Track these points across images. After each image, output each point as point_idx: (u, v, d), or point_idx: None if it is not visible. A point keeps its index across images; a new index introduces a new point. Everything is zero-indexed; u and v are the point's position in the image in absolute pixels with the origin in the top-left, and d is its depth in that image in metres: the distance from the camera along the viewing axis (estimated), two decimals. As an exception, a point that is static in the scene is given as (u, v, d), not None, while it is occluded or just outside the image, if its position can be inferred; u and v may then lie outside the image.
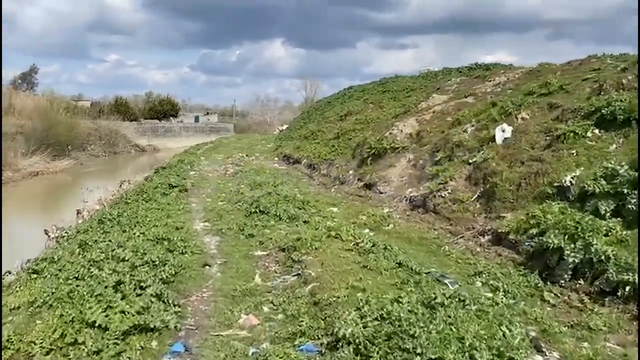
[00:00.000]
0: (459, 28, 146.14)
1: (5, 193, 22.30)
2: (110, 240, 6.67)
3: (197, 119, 61.48)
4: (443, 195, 8.91)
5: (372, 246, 6.67)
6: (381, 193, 11.19)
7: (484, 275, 6.05)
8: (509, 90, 12.95)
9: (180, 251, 6.86)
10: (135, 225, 7.79)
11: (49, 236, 10.14)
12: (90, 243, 6.71)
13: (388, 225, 8.88)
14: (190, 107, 71.45)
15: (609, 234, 5.70)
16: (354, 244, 6.83)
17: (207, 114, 66.89)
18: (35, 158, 29.92)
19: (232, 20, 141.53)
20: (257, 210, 9.34)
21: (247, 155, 24.11)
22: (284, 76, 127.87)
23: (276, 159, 23.48)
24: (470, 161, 9.31)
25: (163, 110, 54.74)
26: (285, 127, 46.01)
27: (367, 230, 8.80)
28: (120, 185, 18.91)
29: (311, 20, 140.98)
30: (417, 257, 7.01)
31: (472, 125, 10.45)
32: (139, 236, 7.04)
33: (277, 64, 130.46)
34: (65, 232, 9.45)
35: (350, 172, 13.63)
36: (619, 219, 6.00)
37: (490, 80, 14.59)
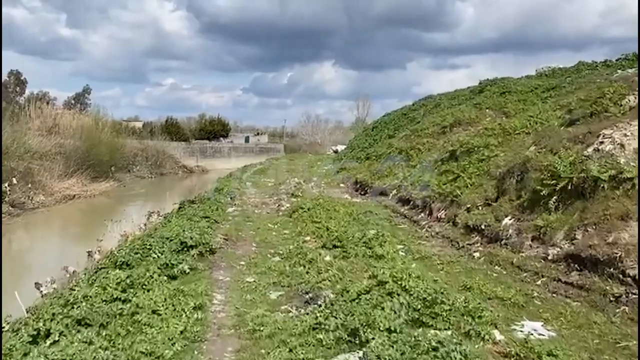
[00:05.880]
0: (512, 47, 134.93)
1: (31, 220, 17.94)
2: None
3: (247, 139, 57.31)
4: None
5: None
6: (646, 289, 4.43)
7: None
8: None
9: None
10: None
11: (41, 292, 7.28)
12: None
13: None
14: (241, 128, 67.82)
15: None
16: None
17: (257, 134, 62.86)
18: (72, 180, 25.57)
19: (284, 45, 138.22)
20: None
21: (303, 181, 17.91)
22: (333, 97, 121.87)
23: (342, 185, 17.08)
24: None
25: (213, 131, 50.57)
26: (341, 147, 39.73)
27: None
28: (148, 218, 13.67)
29: (362, 42, 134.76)
30: None
31: None
32: None
33: (327, 85, 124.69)
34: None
35: (508, 220, 6.93)
36: None
37: None
